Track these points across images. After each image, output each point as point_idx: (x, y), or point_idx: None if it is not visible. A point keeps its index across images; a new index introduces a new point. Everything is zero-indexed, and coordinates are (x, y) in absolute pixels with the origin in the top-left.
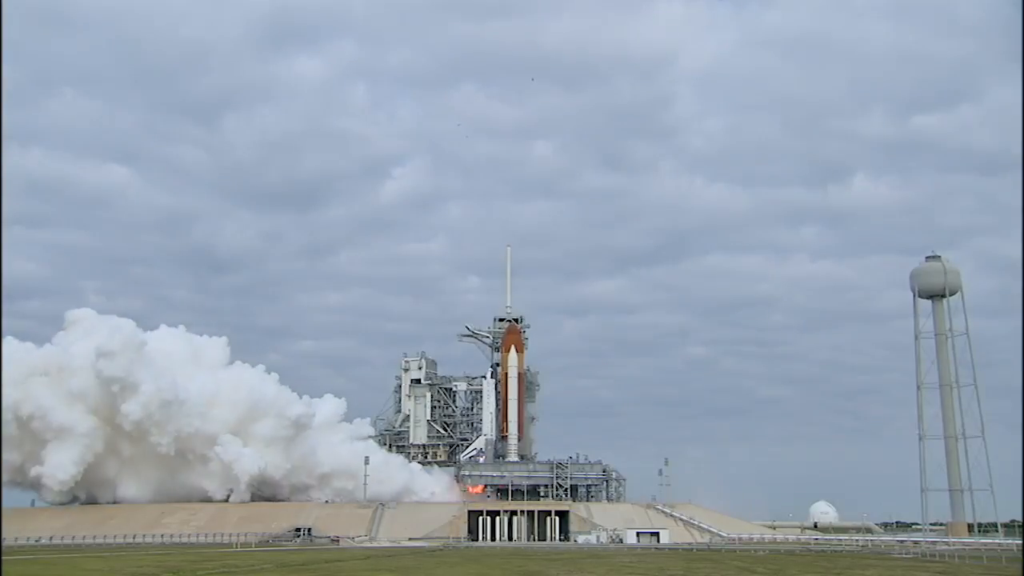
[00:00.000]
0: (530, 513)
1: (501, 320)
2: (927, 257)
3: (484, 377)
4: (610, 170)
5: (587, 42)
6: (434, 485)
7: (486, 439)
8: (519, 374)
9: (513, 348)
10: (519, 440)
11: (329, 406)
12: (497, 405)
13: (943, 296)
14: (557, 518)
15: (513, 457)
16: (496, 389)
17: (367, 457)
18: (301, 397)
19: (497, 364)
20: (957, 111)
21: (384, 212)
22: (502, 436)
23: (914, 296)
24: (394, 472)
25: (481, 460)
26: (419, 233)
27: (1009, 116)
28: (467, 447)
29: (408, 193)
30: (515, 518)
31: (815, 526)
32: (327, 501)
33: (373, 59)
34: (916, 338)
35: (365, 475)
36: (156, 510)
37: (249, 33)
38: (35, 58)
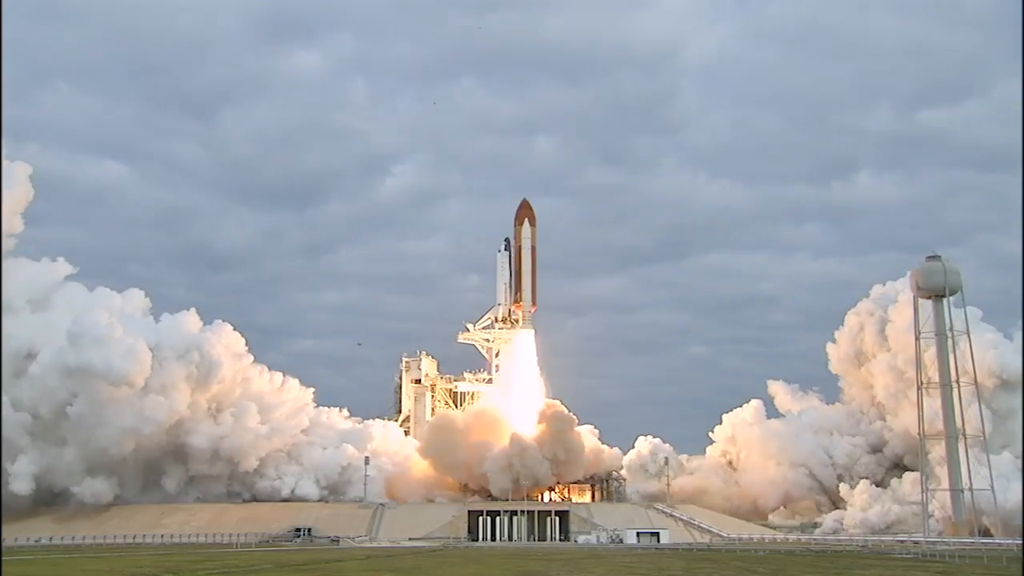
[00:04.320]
0: (530, 513)
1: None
2: (927, 257)
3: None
4: (612, 166)
5: (589, 35)
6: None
7: (500, 306)
8: (532, 246)
9: (526, 221)
10: (532, 309)
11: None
12: (511, 275)
13: (943, 296)
14: (557, 518)
15: (525, 326)
16: (509, 261)
17: (367, 457)
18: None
19: (509, 240)
20: (964, 106)
21: (383, 209)
22: (516, 301)
23: (914, 296)
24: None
25: (496, 328)
26: (419, 231)
27: (1016, 111)
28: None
29: (408, 190)
30: (515, 518)
31: (814, 526)
32: (326, 502)
33: (372, 53)
34: (916, 338)
35: (365, 475)
36: (156, 511)
37: (246, 26)
38: (29, 51)
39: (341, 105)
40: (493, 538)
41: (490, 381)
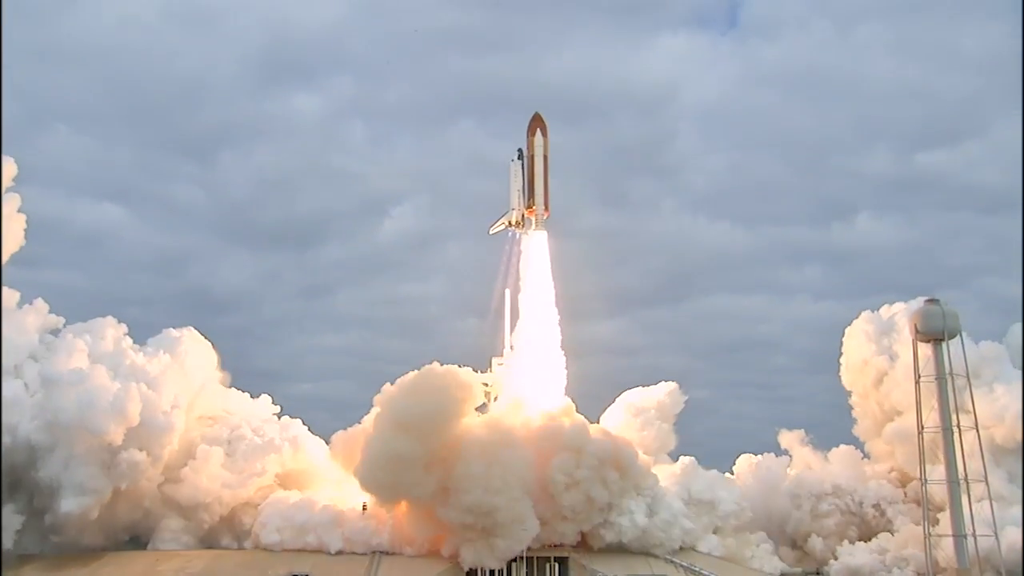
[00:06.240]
0: (528, 560)
1: (500, 364)
2: (926, 300)
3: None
4: (611, 208)
5: (587, 77)
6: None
7: (514, 211)
8: (544, 155)
9: (538, 131)
10: (545, 214)
11: None
12: (524, 181)
13: (942, 339)
14: (556, 564)
15: (538, 227)
16: (523, 169)
17: (364, 503)
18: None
19: (521, 150)
20: (963, 148)
21: (382, 252)
22: (529, 207)
23: (913, 339)
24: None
25: (511, 234)
26: (417, 273)
27: (1016, 153)
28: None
29: (406, 232)
30: (514, 565)
31: (817, 573)
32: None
33: (371, 96)
34: (916, 382)
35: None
36: (151, 557)
37: (245, 69)
38: (27, 94)
39: (340, 148)
40: None
41: None
